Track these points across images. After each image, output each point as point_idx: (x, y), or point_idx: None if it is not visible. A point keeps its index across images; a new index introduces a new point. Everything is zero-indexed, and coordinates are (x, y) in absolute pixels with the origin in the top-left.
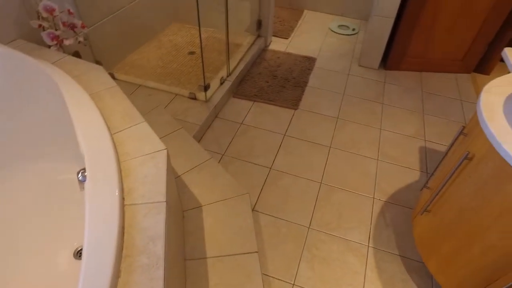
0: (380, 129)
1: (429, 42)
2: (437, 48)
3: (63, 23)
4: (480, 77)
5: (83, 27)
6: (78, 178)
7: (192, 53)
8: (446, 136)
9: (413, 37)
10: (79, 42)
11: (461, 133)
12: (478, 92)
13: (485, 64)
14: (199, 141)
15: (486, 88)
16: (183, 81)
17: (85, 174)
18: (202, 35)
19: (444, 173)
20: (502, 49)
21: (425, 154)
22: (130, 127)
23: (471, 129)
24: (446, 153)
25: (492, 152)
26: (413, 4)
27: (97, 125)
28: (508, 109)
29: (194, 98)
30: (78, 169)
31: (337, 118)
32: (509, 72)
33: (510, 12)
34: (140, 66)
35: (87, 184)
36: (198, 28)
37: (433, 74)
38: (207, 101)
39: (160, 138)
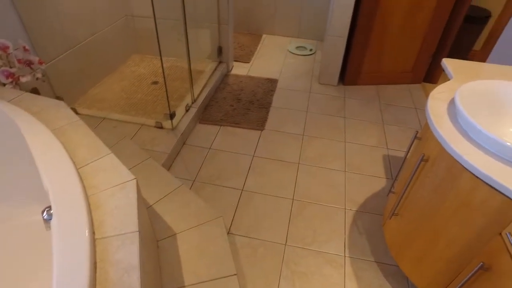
0: (345, 141)
1: (380, 57)
2: (388, 62)
3: (19, 60)
4: (429, 86)
5: (40, 63)
6: (43, 217)
7: (155, 82)
8: (406, 142)
9: (366, 54)
10: (37, 78)
11: (415, 138)
12: None
13: (432, 74)
14: (168, 169)
15: (431, 95)
16: (148, 111)
17: (51, 212)
18: (164, 65)
19: (405, 176)
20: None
21: (388, 161)
22: (96, 160)
23: (424, 133)
24: (405, 158)
25: (442, 152)
26: (362, 24)
27: (61, 160)
28: (451, 112)
29: (161, 127)
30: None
31: (303, 135)
32: (450, 80)
33: (445, 27)
34: (103, 99)
35: (53, 222)
36: (159, 58)
37: (388, 86)
38: (173, 129)
39: (128, 169)
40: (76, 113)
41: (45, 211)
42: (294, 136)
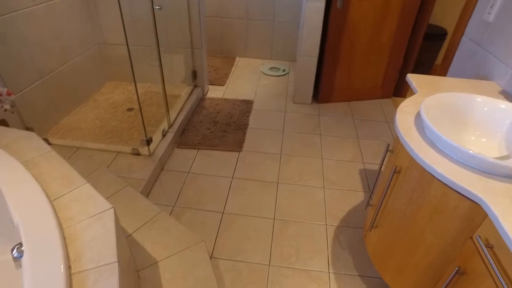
0: (322, 158)
1: (351, 74)
2: (359, 79)
3: None
4: (398, 100)
5: (9, 94)
6: (13, 255)
7: (130, 109)
8: (380, 156)
9: (337, 72)
10: (5, 110)
11: (388, 150)
12: None
13: (400, 88)
14: (147, 196)
15: (399, 108)
16: (124, 138)
17: (22, 249)
18: (139, 90)
19: (381, 189)
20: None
21: (365, 174)
22: (71, 191)
23: (395, 146)
24: (380, 171)
25: (413, 162)
26: (331, 43)
27: (33, 194)
28: (418, 125)
29: (138, 154)
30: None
31: (281, 154)
32: (415, 94)
33: (408, 45)
34: (77, 127)
35: (24, 259)
36: (134, 84)
37: (360, 102)
38: (151, 155)
39: (105, 199)
40: (49, 143)
41: (15, 249)
42: (272, 156)
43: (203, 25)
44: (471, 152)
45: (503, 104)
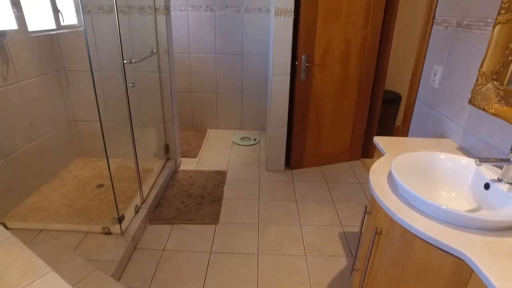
0: (300, 225)
1: (320, 140)
2: (328, 144)
3: None
4: (367, 161)
5: None
6: None
7: (101, 186)
8: (358, 217)
9: (307, 138)
10: None
11: (366, 212)
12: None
13: (367, 150)
14: (119, 279)
15: (372, 170)
16: (94, 217)
17: None
18: (110, 166)
19: (364, 252)
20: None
21: (346, 238)
22: (33, 282)
23: (372, 207)
24: (360, 234)
25: (392, 223)
26: (298, 112)
27: None
28: (391, 184)
29: (108, 233)
30: None
31: (258, 223)
32: (384, 155)
33: (370, 109)
34: (41, 208)
35: None
36: (104, 160)
37: (332, 165)
38: (123, 233)
39: (73, 286)
40: (6, 228)
41: None
42: (249, 226)
43: (175, 100)
44: (444, 207)
45: (463, 159)
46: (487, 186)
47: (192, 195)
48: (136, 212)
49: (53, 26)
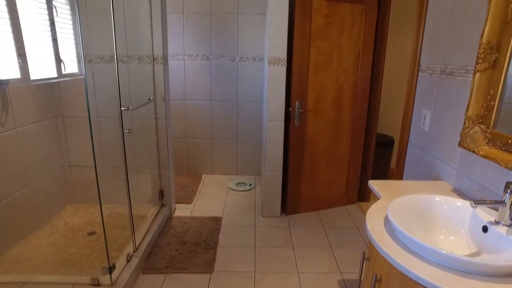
0: (298, 273)
1: (316, 184)
2: (323, 188)
3: None
4: (364, 204)
5: None
6: None
7: (92, 233)
8: (356, 263)
9: (302, 183)
10: None
11: (364, 258)
12: None
13: (363, 193)
14: None
15: (368, 215)
16: (83, 266)
17: None
18: (103, 212)
19: None
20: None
21: (345, 286)
22: None
23: (371, 253)
24: (360, 281)
25: (392, 269)
26: (293, 157)
27: None
28: (389, 229)
29: (97, 284)
30: None
31: (255, 272)
32: (379, 198)
33: (364, 153)
34: (27, 258)
35: None
36: (97, 206)
37: (328, 210)
38: (113, 284)
39: None
40: None
41: None
42: (245, 275)
43: (171, 145)
44: (443, 252)
45: (459, 202)
46: (485, 229)
47: (187, 242)
48: (128, 260)
49: (55, 75)
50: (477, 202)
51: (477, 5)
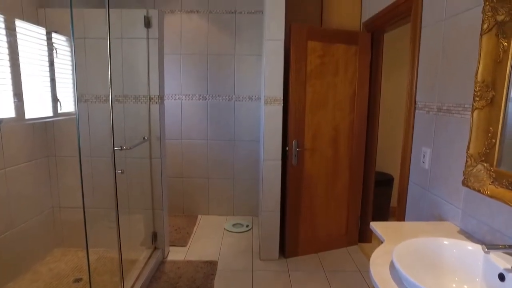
0: None
1: (314, 225)
2: (322, 229)
3: None
4: (365, 246)
5: None
6: None
7: (78, 280)
8: None
9: (301, 224)
10: None
11: None
12: (369, 259)
13: (364, 234)
14: None
15: (372, 261)
16: None
17: None
18: (92, 257)
19: None
20: (370, 221)
21: None
22: None
23: None
24: None
25: None
26: (291, 197)
27: None
28: (395, 276)
29: None
30: None
31: None
32: (382, 242)
33: (363, 192)
34: None
35: None
36: (86, 250)
37: (328, 252)
38: None
39: None
40: None
41: None
42: None
43: (165, 186)
44: None
45: (469, 245)
46: (502, 277)
47: None
48: None
49: (50, 114)
50: (489, 247)
51: (469, 46)
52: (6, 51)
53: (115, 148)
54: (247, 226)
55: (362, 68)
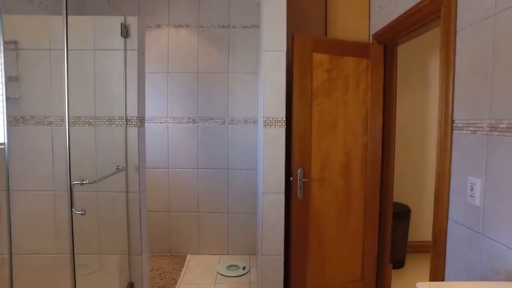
0: None
1: (324, 270)
2: (334, 274)
3: None
4: None
5: None
6: None
7: None
8: None
9: (308, 269)
10: None
11: None
12: None
13: (383, 279)
14: None
15: None
16: None
17: None
18: None
19: None
20: (387, 263)
21: None
22: None
23: None
24: None
25: None
26: (297, 236)
27: None
28: None
29: None
30: None
31: None
32: None
33: (379, 232)
34: None
35: None
36: None
37: None
38: None
39: None
40: None
41: None
42: None
43: (144, 226)
44: None
45: None
46: None
47: None
48: None
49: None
50: None
51: None
52: None
53: (74, 183)
54: (244, 268)
55: (375, 84)
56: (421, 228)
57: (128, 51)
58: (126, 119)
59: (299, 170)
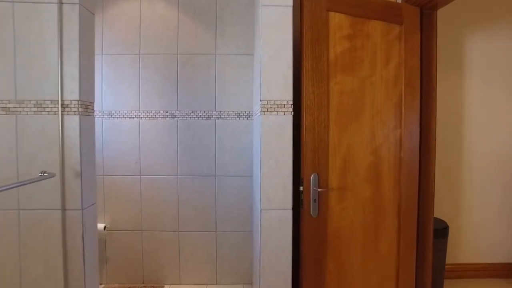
0: None
1: None
2: None
3: None
4: None
5: None
6: None
7: None
8: None
9: None
10: None
11: None
12: None
13: None
14: None
15: None
16: None
17: None
18: None
19: None
20: None
21: None
22: None
23: None
24: None
25: None
26: (308, 268)
27: None
28: None
29: None
30: None
31: None
32: None
33: (417, 256)
34: None
35: None
36: None
37: None
38: None
39: None
40: None
41: None
42: None
43: (93, 256)
44: None
45: None
46: None
47: None
48: None
49: None
50: None
51: None
52: None
53: None
54: None
55: (410, 60)
56: (459, 249)
57: (64, 4)
58: (61, 104)
59: (312, 176)
